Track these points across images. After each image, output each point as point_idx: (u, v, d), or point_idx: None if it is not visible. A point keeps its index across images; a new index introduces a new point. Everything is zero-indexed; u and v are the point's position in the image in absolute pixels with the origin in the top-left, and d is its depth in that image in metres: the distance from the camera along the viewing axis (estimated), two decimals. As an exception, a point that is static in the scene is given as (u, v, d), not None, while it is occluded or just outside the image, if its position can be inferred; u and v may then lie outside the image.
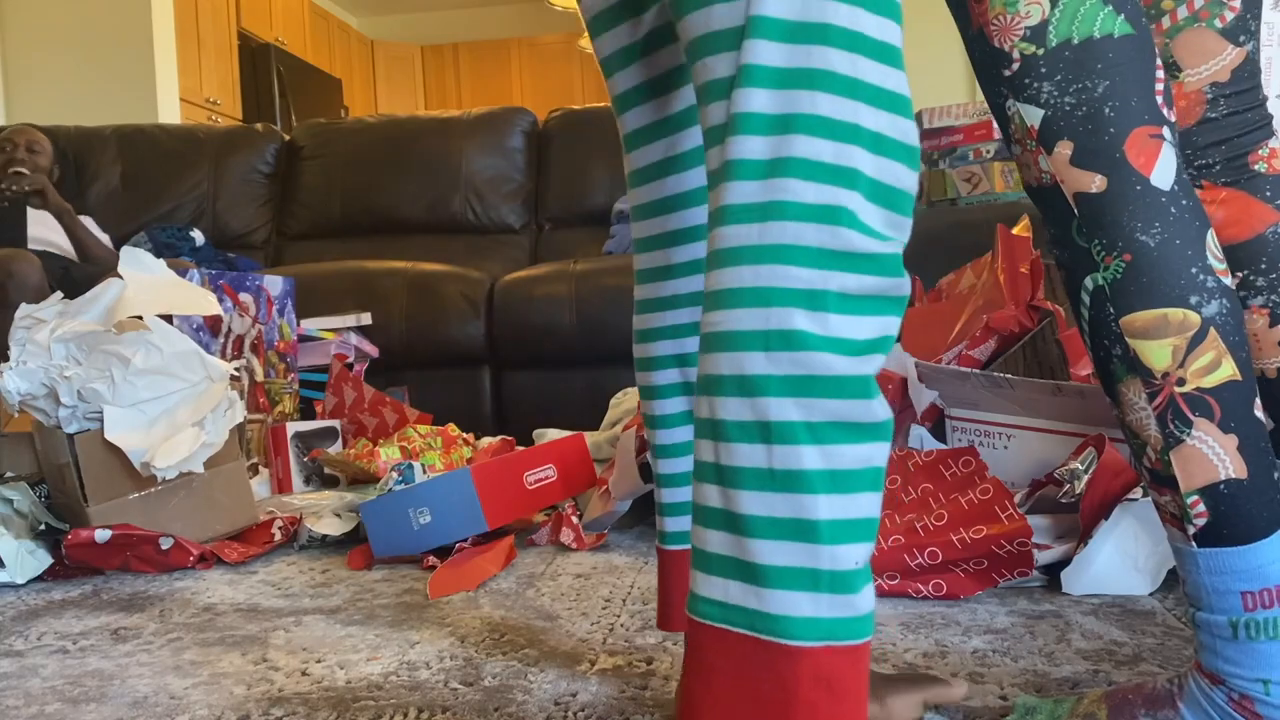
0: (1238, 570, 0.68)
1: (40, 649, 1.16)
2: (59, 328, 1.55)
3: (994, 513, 1.17)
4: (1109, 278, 0.70)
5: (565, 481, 1.64)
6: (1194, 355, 0.68)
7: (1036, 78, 0.70)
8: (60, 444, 1.55)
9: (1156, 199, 0.68)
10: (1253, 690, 0.68)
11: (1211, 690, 0.70)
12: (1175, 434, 0.69)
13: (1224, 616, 0.69)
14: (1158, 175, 0.68)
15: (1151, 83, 0.69)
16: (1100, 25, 0.68)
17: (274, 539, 1.63)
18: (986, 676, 0.95)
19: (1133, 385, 0.70)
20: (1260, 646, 0.68)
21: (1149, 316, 0.68)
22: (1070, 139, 0.69)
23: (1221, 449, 0.68)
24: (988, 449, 1.54)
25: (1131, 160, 0.68)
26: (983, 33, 0.71)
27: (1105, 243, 0.69)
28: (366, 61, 7.75)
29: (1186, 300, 0.68)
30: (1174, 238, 0.68)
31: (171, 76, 4.88)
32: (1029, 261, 1.73)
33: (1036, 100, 0.70)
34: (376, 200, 3.39)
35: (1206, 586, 0.70)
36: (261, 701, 0.96)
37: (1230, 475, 0.68)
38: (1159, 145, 0.69)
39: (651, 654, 1.05)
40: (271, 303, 2.46)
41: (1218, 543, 0.68)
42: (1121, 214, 0.69)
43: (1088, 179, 0.69)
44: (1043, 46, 0.69)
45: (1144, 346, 0.69)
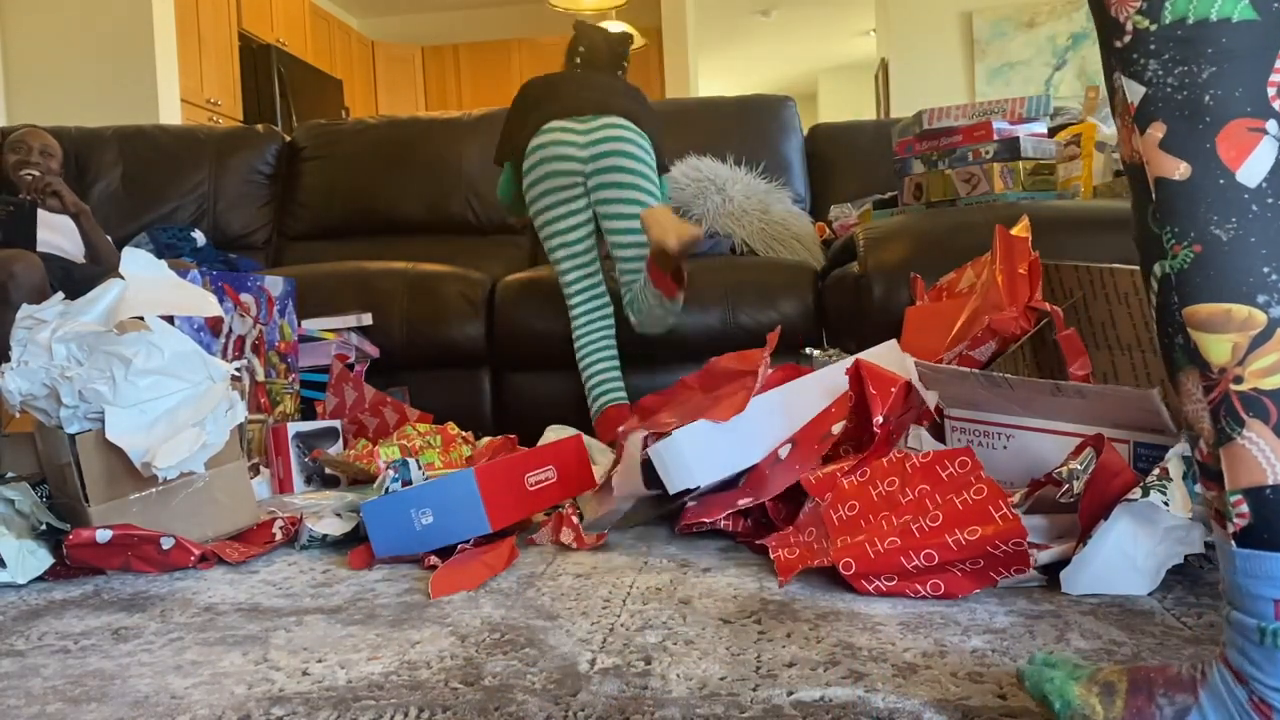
0: (1273, 576, 0.67)
1: (41, 649, 1.16)
2: (60, 328, 1.56)
3: (988, 513, 1.18)
4: (1176, 266, 0.68)
5: (565, 483, 1.64)
6: (1255, 354, 0.66)
7: (1144, 54, 0.67)
8: (61, 444, 1.55)
9: (1239, 195, 0.66)
10: (1273, 699, 0.68)
11: (1235, 686, 0.70)
12: (1226, 431, 0.68)
13: (1254, 620, 0.68)
14: (1246, 171, 0.66)
15: (1267, 73, 0.66)
16: (1220, 7, 0.65)
17: (275, 539, 1.63)
18: (986, 676, 0.96)
19: (1191, 376, 0.69)
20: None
21: (1212, 309, 0.67)
22: (1164, 121, 0.67)
23: (1273, 453, 0.66)
24: (987, 449, 1.54)
25: (1221, 153, 0.66)
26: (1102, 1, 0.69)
27: (1177, 231, 0.68)
28: (367, 62, 7.75)
29: (1254, 299, 0.66)
30: (1249, 235, 0.66)
31: (172, 77, 4.88)
32: (1027, 262, 1.73)
33: (1140, 77, 0.68)
34: (377, 201, 3.40)
35: (1241, 587, 0.69)
36: (262, 701, 0.96)
37: (1278, 481, 0.66)
38: (1257, 139, 0.66)
39: (651, 654, 1.05)
40: (272, 303, 2.47)
41: (1257, 545, 0.67)
42: (1199, 205, 0.67)
43: (1173, 165, 0.67)
44: (1156, 22, 0.67)
45: (1204, 339, 0.67)
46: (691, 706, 0.91)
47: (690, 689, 0.95)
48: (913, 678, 0.96)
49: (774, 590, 1.27)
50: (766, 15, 8.47)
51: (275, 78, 5.87)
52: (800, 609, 1.19)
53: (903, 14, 5.80)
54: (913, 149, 2.50)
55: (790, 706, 0.90)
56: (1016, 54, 5.70)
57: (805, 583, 1.30)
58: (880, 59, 6.84)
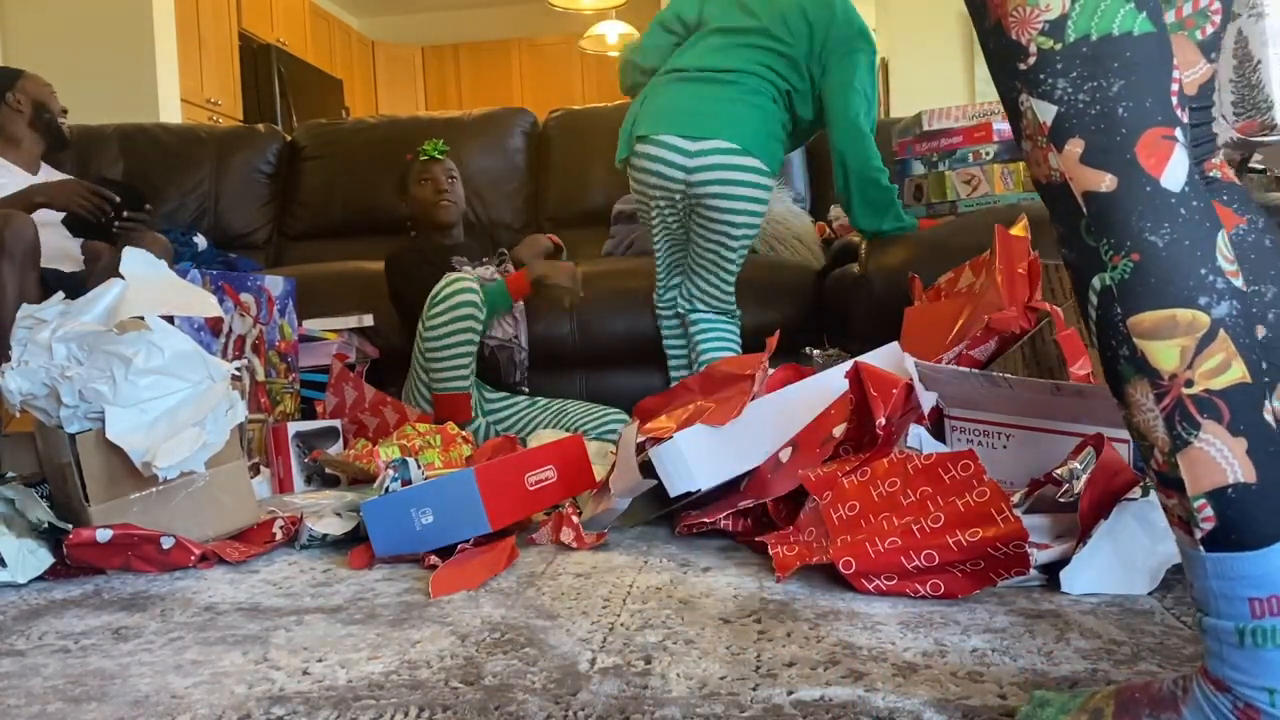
0: (1246, 576, 0.67)
1: (42, 648, 1.16)
2: (60, 327, 1.56)
3: (990, 515, 1.18)
4: (1116, 277, 0.69)
5: (565, 482, 1.64)
6: (1203, 357, 0.66)
7: (1052, 73, 0.69)
8: (61, 444, 1.55)
9: (1166, 200, 0.67)
10: (1258, 699, 0.67)
11: (1216, 697, 0.69)
12: (1183, 436, 0.67)
13: (1231, 623, 0.68)
14: (1168, 177, 0.68)
15: (1168, 83, 0.69)
16: (1120, 22, 0.67)
17: (275, 538, 1.63)
18: (986, 676, 0.96)
19: (1140, 386, 0.69)
20: (1267, 654, 0.67)
21: (1157, 317, 0.67)
22: (1081, 137, 0.68)
23: (1230, 452, 0.66)
24: (986, 449, 1.54)
25: (1142, 161, 0.68)
26: (1000, 25, 0.71)
27: (1113, 242, 0.68)
28: (367, 62, 7.75)
29: (1195, 301, 0.67)
30: (1183, 238, 0.67)
31: (172, 77, 4.88)
32: (1026, 263, 1.73)
33: (1050, 96, 0.69)
34: (377, 200, 3.40)
35: (1214, 591, 0.68)
36: (263, 701, 0.97)
37: (1239, 479, 0.66)
38: (1171, 146, 0.68)
39: (651, 654, 1.05)
40: (272, 303, 2.47)
41: (1225, 547, 0.67)
42: (1130, 214, 0.68)
43: (1098, 178, 0.68)
44: (1060, 41, 0.68)
45: (1151, 347, 0.68)
46: (691, 706, 0.91)
47: (690, 688, 0.95)
48: (913, 677, 0.96)
49: (774, 590, 1.27)
50: (767, 15, 8.47)
51: (275, 78, 5.87)
52: (800, 608, 1.19)
53: (903, 14, 5.80)
54: (913, 150, 2.50)
55: (790, 706, 0.90)
56: (1017, 54, 5.69)
57: (805, 582, 1.30)
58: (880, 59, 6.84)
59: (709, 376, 1.76)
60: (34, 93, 2.72)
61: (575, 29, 7.21)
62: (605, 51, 6.63)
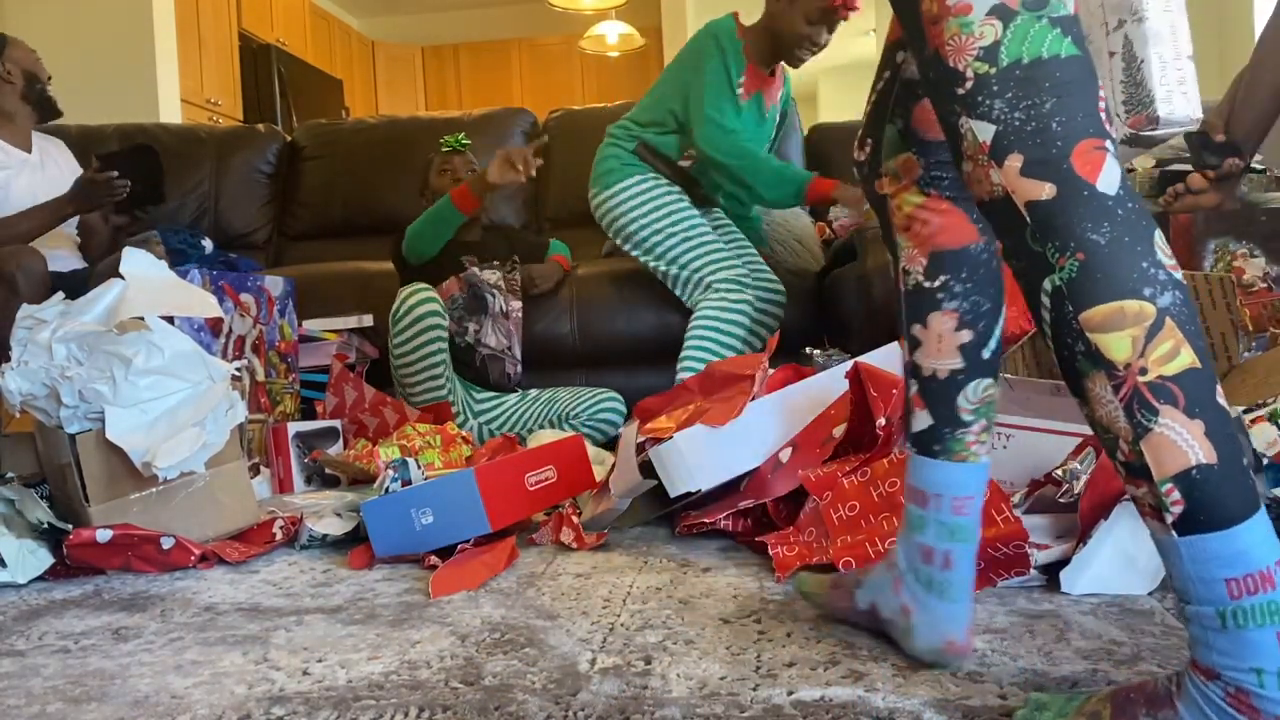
0: (1220, 556, 0.69)
1: (42, 648, 1.16)
2: (60, 328, 1.56)
3: (990, 515, 1.18)
4: (1065, 277, 0.72)
5: (565, 483, 1.64)
6: (1153, 345, 0.70)
7: (989, 95, 0.73)
8: (61, 444, 1.55)
9: (1103, 202, 0.71)
10: (1246, 681, 0.68)
11: (1207, 686, 0.70)
12: (1143, 423, 0.70)
13: (1211, 607, 0.70)
14: (1103, 182, 0.72)
15: (1095, 99, 0.73)
16: (1049, 47, 0.72)
17: (275, 539, 1.63)
18: (986, 676, 0.96)
19: (1098, 380, 0.72)
20: (1249, 635, 0.68)
21: (1106, 310, 0.70)
22: (1020, 152, 0.73)
23: (1189, 435, 0.69)
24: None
25: (1079, 170, 0.72)
26: (938, 53, 0.75)
27: (1058, 245, 0.72)
28: (367, 62, 7.75)
29: (1140, 292, 0.70)
30: (1123, 235, 0.71)
31: (172, 77, 4.88)
32: (1028, 262, 1.73)
33: (988, 117, 0.73)
34: (377, 200, 3.40)
35: (1191, 577, 0.70)
36: (263, 701, 0.96)
37: (1201, 461, 0.69)
38: (1103, 156, 0.72)
39: (651, 654, 1.05)
40: (272, 303, 2.47)
41: (1196, 529, 0.69)
42: (1072, 217, 0.72)
43: (1038, 188, 0.72)
44: (995, 66, 0.73)
45: (1104, 340, 0.71)
46: (691, 706, 0.91)
47: (690, 689, 0.95)
48: (913, 678, 0.96)
49: (774, 590, 1.27)
50: (767, 15, 8.47)
51: (275, 78, 5.86)
52: (800, 609, 1.19)
53: (903, 14, 5.79)
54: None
55: (790, 706, 0.90)
56: (1017, 54, 5.70)
57: (805, 583, 1.30)
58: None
59: (709, 376, 1.76)
60: (23, 61, 2.58)
61: (575, 29, 7.21)
62: (605, 52, 6.63)
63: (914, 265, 0.93)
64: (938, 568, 0.93)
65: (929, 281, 0.91)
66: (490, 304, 2.51)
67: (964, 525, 0.92)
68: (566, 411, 2.44)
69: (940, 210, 0.91)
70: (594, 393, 2.48)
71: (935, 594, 0.93)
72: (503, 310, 2.53)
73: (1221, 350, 1.63)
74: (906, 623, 0.95)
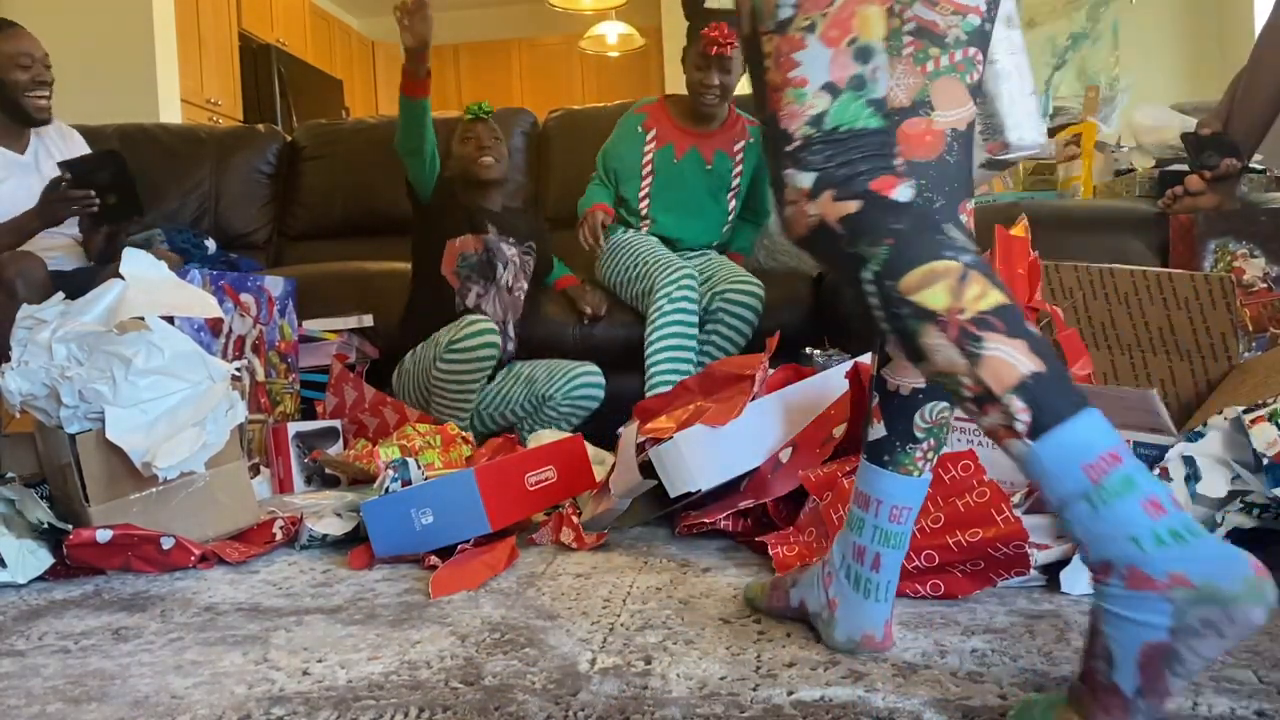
0: (1071, 446, 0.77)
1: (42, 649, 1.16)
2: (60, 328, 1.56)
3: (990, 515, 1.18)
4: (879, 262, 0.84)
5: (565, 482, 1.64)
6: (965, 289, 0.81)
7: (813, 153, 0.88)
8: (61, 444, 1.55)
9: (901, 206, 0.86)
10: (1130, 554, 0.74)
11: (1110, 585, 0.76)
12: (974, 351, 0.80)
13: (1081, 499, 0.76)
14: (897, 194, 0.86)
15: (892, 156, 0.89)
16: (864, 120, 0.88)
17: (275, 539, 1.63)
18: (986, 676, 0.96)
19: (929, 331, 0.82)
20: (1115, 509, 0.75)
21: (920, 272, 0.82)
22: (833, 186, 0.87)
23: (1016, 351, 0.79)
24: (987, 448, 1.54)
25: (875, 188, 0.87)
26: (775, 116, 0.90)
27: (869, 239, 0.85)
28: (367, 62, 7.75)
29: (944, 255, 0.83)
30: (919, 224, 0.85)
31: (173, 77, 4.88)
32: (1027, 263, 1.73)
33: (811, 168, 0.88)
34: (377, 200, 3.39)
35: (1057, 475, 0.77)
36: (263, 701, 0.97)
37: (1032, 370, 0.78)
38: (897, 181, 0.87)
39: (651, 654, 1.05)
40: (272, 303, 2.47)
41: (1045, 429, 0.77)
42: (876, 219, 0.85)
43: (847, 206, 0.87)
44: (819, 129, 0.88)
45: (924, 295, 0.82)
46: (691, 706, 0.91)
47: (690, 689, 0.95)
48: (913, 678, 0.96)
49: (774, 590, 1.27)
50: (766, 15, 8.46)
51: (275, 78, 5.86)
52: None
53: (903, 14, 5.79)
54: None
55: (790, 706, 0.90)
56: (1017, 54, 5.69)
57: (805, 583, 1.30)
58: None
59: (709, 376, 1.76)
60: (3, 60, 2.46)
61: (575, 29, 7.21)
62: (605, 52, 6.62)
63: None
64: (867, 568, 1.01)
65: None
66: (500, 274, 2.50)
67: (897, 532, 1.00)
68: (545, 393, 2.44)
69: None
70: (570, 369, 2.46)
71: (861, 592, 1.01)
72: (508, 285, 2.52)
73: (1221, 350, 1.63)
74: (830, 615, 1.03)
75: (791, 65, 0.90)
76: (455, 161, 2.67)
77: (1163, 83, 5.33)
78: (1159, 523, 0.74)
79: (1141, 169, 2.55)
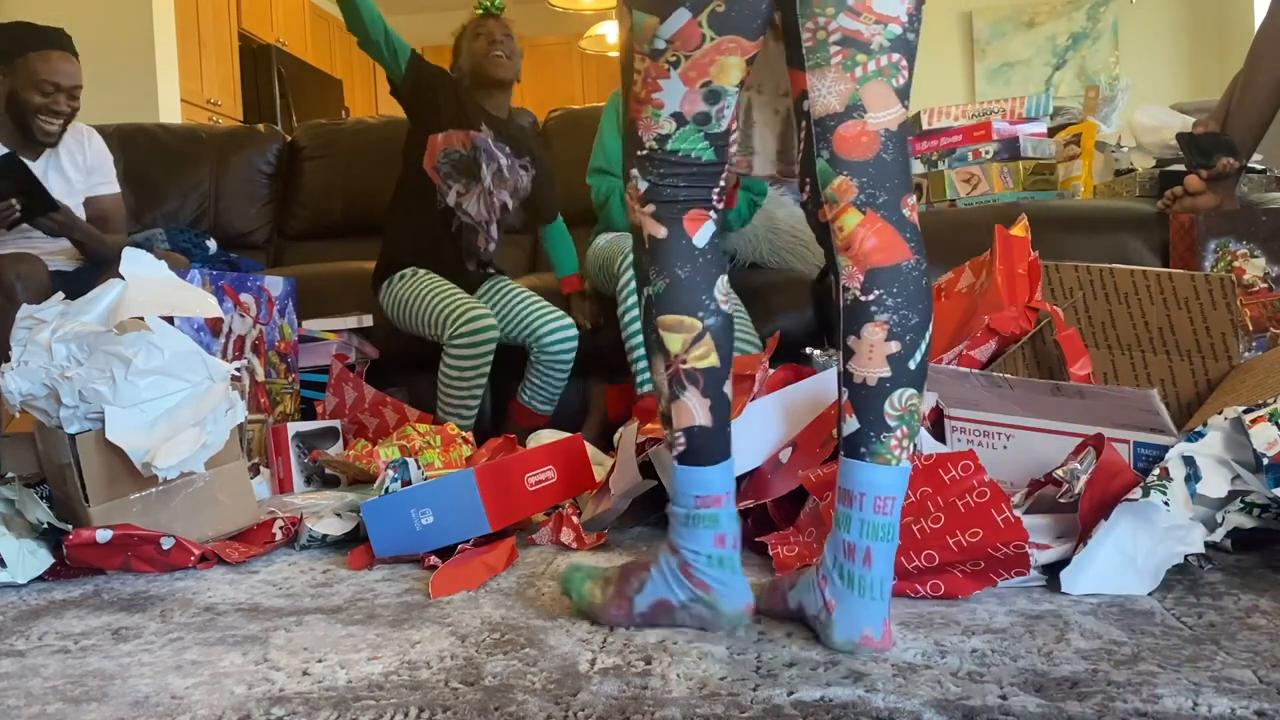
0: (696, 481, 1.08)
1: (41, 649, 1.16)
2: (60, 328, 1.56)
3: (990, 515, 1.17)
4: (655, 291, 1.09)
5: (565, 483, 1.64)
6: (695, 347, 1.08)
7: (653, 164, 1.09)
8: (61, 444, 1.55)
9: (693, 251, 1.09)
10: (691, 558, 1.09)
11: (669, 556, 1.11)
12: (675, 392, 1.09)
13: (683, 510, 1.09)
14: (698, 238, 1.10)
15: (712, 187, 1.11)
16: (697, 150, 1.09)
17: (275, 539, 1.63)
18: (986, 676, 0.96)
19: (660, 359, 1.10)
20: (698, 531, 1.09)
21: (672, 319, 1.08)
22: (655, 203, 1.10)
23: (700, 407, 1.08)
24: (987, 449, 1.54)
25: (685, 226, 1.09)
26: (634, 123, 1.10)
27: (658, 269, 1.09)
28: (367, 62, 7.74)
29: (695, 313, 1.08)
30: (696, 275, 1.09)
31: (172, 77, 4.87)
32: (1026, 263, 1.73)
33: (647, 176, 1.10)
34: (377, 201, 3.39)
35: (680, 490, 1.10)
36: (263, 701, 0.96)
37: (700, 423, 1.08)
38: (704, 220, 1.11)
39: (651, 654, 1.05)
40: (272, 303, 2.47)
41: (689, 463, 1.09)
42: (671, 255, 1.09)
43: (659, 229, 1.10)
44: (662, 148, 1.09)
45: (668, 337, 1.08)
46: (691, 706, 0.91)
47: (690, 689, 0.95)
48: (913, 678, 0.96)
49: (774, 590, 1.27)
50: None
51: (275, 78, 5.86)
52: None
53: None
54: (912, 149, 2.50)
55: (790, 706, 0.90)
56: (1016, 54, 5.69)
57: (805, 583, 1.30)
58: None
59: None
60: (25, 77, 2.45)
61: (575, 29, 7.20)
62: (605, 51, 6.61)
63: (852, 283, 1.04)
64: (859, 564, 1.03)
65: (864, 296, 1.02)
66: (484, 175, 2.42)
67: (885, 524, 1.03)
68: (522, 334, 2.42)
69: (876, 228, 1.02)
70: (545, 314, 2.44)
71: (855, 590, 1.03)
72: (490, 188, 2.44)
73: (1221, 350, 1.63)
74: (828, 618, 1.05)
75: (655, 88, 1.06)
76: (465, 59, 2.56)
77: (1163, 83, 5.33)
78: (715, 550, 1.08)
79: (1141, 169, 2.55)
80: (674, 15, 1.02)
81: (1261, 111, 2.08)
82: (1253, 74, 2.06)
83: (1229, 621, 1.09)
